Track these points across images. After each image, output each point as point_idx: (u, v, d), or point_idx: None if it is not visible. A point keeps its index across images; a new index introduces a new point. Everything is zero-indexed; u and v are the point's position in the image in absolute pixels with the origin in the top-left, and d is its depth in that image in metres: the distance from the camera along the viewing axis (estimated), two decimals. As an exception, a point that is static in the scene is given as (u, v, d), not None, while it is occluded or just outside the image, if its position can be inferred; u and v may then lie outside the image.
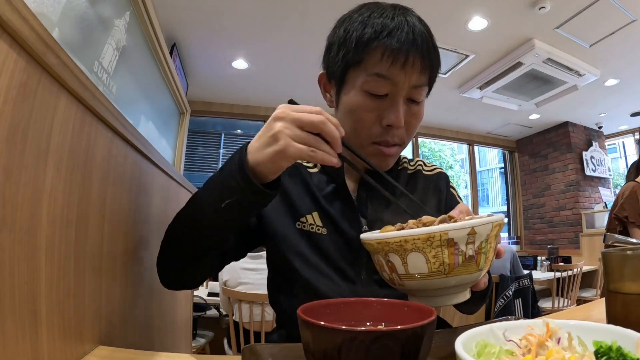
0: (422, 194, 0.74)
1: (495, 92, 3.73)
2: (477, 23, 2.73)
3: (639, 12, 2.57)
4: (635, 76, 3.50)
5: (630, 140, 5.60)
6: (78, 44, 0.96)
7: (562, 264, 3.55)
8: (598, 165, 4.96)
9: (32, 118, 0.40)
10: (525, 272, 3.12)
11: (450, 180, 0.81)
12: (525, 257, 4.11)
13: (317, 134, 0.48)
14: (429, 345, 0.34)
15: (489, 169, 10.57)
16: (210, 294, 2.62)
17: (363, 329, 0.31)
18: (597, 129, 5.16)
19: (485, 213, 0.56)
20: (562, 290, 3.25)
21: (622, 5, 2.48)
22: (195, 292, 2.55)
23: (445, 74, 3.48)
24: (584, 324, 0.33)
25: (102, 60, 1.08)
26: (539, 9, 2.52)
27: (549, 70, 3.25)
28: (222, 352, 2.39)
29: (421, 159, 0.82)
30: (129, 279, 0.67)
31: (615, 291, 0.46)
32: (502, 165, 6.10)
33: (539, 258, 4.19)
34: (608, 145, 5.43)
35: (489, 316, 2.83)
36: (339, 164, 0.50)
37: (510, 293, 2.85)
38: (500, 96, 3.84)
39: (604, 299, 0.50)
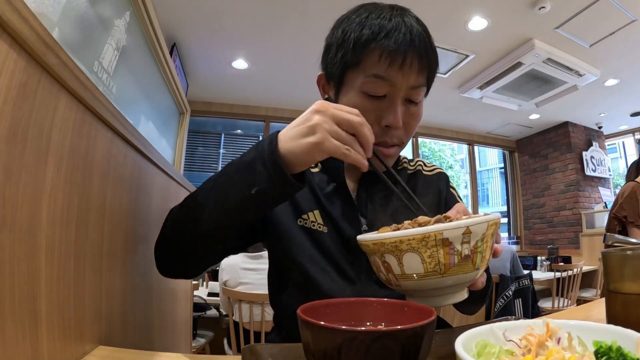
0: (422, 194, 0.74)
1: (495, 92, 3.73)
2: (477, 23, 2.73)
3: (639, 12, 2.57)
4: (635, 76, 3.50)
5: (630, 140, 5.60)
6: (78, 44, 0.96)
7: (562, 264, 3.55)
8: (598, 165, 4.96)
9: (32, 118, 0.40)
10: (525, 272, 3.12)
11: (450, 181, 0.81)
12: (525, 257, 4.11)
13: (352, 135, 0.48)
14: (429, 345, 0.34)
15: (489, 169, 10.57)
16: (210, 294, 2.62)
17: (363, 329, 0.31)
18: (597, 129, 5.16)
19: (483, 213, 0.56)
20: (562, 290, 3.25)
21: (622, 5, 2.48)
22: (195, 292, 2.56)
23: (445, 74, 3.48)
24: (584, 324, 0.33)
25: (102, 60, 1.08)
26: (539, 9, 2.52)
27: (549, 70, 3.25)
28: (222, 352, 2.39)
29: (421, 159, 0.82)
30: (129, 279, 0.67)
31: (615, 291, 0.46)
32: (502, 165, 6.10)
33: (539, 258, 4.19)
34: (608, 145, 5.43)
35: (489, 316, 2.83)
36: (367, 168, 0.49)
37: (510, 293, 2.85)
38: (500, 96, 3.84)
39: (604, 299, 0.50)
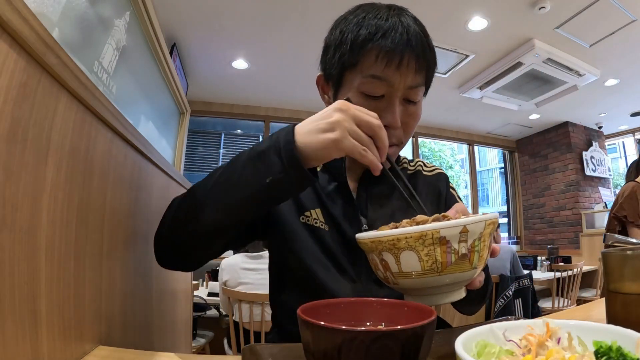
0: (422, 194, 0.74)
1: (495, 92, 3.73)
2: (477, 23, 2.73)
3: (639, 12, 2.57)
4: (635, 76, 3.50)
5: (630, 140, 5.60)
6: (78, 44, 0.96)
7: (562, 264, 3.55)
8: (598, 165, 4.96)
9: (32, 118, 0.40)
10: (525, 272, 3.12)
11: (450, 181, 0.81)
12: (525, 257, 4.11)
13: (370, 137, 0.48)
14: (429, 345, 0.34)
15: (489, 169, 10.58)
16: (210, 294, 2.62)
17: (363, 329, 0.31)
18: (597, 129, 5.17)
19: (482, 213, 0.56)
20: (562, 290, 3.25)
21: (622, 5, 2.48)
22: (195, 292, 2.56)
23: (445, 74, 3.48)
24: (584, 324, 0.33)
25: (102, 60, 1.08)
26: (539, 9, 2.52)
27: (549, 70, 3.25)
28: (222, 352, 2.39)
29: (421, 160, 0.82)
30: (129, 279, 0.67)
31: (615, 291, 0.46)
32: (502, 165, 6.10)
33: (539, 258, 4.19)
34: (608, 145, 5.43)
35: (489, 316, 2.83)
36: (380, 172, 0.49)
37: (510, 293, 2.86)
38: (500, 96, 3.84)
39: (604, 299, 0.50)
